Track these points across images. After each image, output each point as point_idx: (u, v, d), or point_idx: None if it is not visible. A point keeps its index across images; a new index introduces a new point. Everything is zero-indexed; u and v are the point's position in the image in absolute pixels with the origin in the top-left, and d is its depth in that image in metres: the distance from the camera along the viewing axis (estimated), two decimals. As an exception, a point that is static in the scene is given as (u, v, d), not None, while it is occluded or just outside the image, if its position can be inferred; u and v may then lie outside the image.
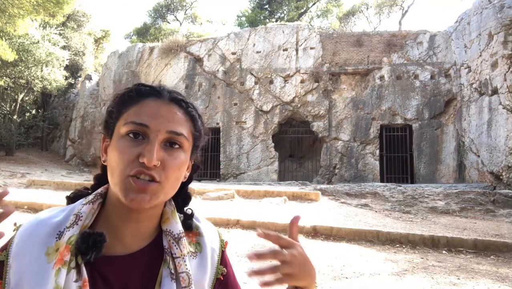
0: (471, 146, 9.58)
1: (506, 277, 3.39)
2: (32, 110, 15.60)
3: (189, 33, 24.76)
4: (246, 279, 2.55)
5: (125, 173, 0.60)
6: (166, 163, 0.62)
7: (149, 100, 0.65)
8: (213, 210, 5.92)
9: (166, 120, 0.64)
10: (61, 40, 14.73)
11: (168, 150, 0.64)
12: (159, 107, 0.65)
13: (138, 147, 0.61)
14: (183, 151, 0.66)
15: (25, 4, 9.61)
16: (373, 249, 4.35)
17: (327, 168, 11.25)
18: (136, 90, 0.67)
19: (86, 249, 0.59)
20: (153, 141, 0.61)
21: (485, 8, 8.98)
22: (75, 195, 0.72)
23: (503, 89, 8.20)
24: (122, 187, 0.60)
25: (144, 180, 0.60)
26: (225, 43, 12.62)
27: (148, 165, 0.59)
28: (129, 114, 0.64)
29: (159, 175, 0.61)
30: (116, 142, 0.63)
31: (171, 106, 0.66)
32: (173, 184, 0.65)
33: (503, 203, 6.75)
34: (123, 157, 0.61)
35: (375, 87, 11.25)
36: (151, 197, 0.60)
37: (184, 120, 0.67)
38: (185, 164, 0.67)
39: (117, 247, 0.65)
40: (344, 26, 23.78)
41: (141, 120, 0.62)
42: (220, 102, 12.23)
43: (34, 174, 10.67)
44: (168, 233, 0.68)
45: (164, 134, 0.63)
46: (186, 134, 0.66)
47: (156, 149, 0.60)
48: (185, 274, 0.65)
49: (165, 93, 0.67)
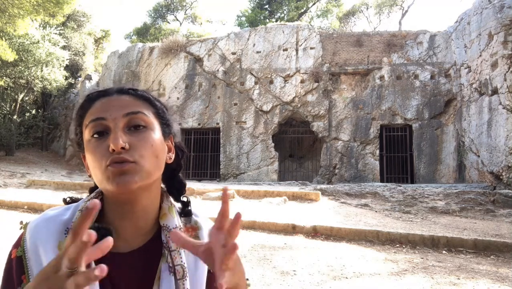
0: (471, 146, 9.58)
1: (506, 277, 3.39)
2: (32, 110, 15.58)
3: (189, 33, 24.75)
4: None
5: (102, 166, 0.61)
6: (136, 143, 0.63)
7: (99, 101, 0.68)
8: (213, 210, 5.90)
9: (119, 107, 0.66)
10: (61, 40, 14.71)
11: (134, 132, 0.65)
12: (109, 100, 0.67)
13: (106, 141, 0.63)
14: (150, 129, 0.67)
15: (25, 4, 9.61)
16: (373, 249, 4.35)
17: (327, 168, 11.25)
18: (87, 99, 0.70)
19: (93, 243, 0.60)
20: (114, 129, 0.63)
21: (485, 8, 8.98)
22: (71, 200, 0.74)
23: (503, 89, 8.20)
24: (105, 179, 0.61)
25: (120, 162, 0.61)
26: (225, 43, 12.62)
27: (116, 148, 0.60)
28: (87, 118, 0.67)
29: (132, 156, 0.62)
30: (87, 148, 0.65)
31: (120, 96, 0.69)
32: (152, 161, 0.65)
33: (503, 203, 6.75)
34: (95, 155, 0.63)
35: (375, 87, 11.25)
36: (133, 176, 0.61)
37: (139, 102, 0.69)
38: (159, 142, 0.68)
39: (119, 243, 0.66)
40: (344, 26, 23.77)
41: (96, 115, 0.65)
42: (220, 102, 12.23)
43: (34, 174, 10.66)
44: (165, 228, 0.69)
45: (123, 120, 0.65)
46: (146, 112, 0.67)
47: (119, 134, 0.62)
48: (179, 266, 0.66)
49: (112, 90, 0.70)
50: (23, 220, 0.70)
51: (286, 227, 5.01)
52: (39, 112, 15.82)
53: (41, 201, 6.25)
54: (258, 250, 4.08)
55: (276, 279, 3.19)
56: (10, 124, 13.87)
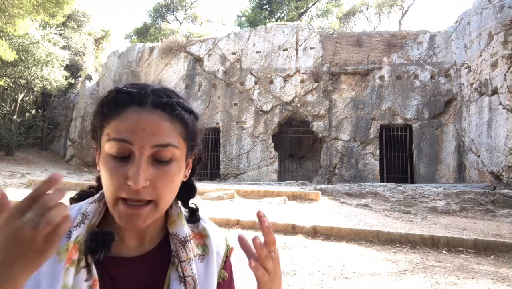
0: (471, 146, 9.57)
1: (506, 277, 3.38)
2: (32, 110, 15.58)
3: (189, 33, 24.76)
4: (245, 279, 2.54)
5: (115, 195, 0.57)
6: (157, 181, 0.58)
7: (129, 112, 0.59)
8: (213, 210, 5.92)
9: (149, 134, 0.58)
10: (61, 40, 14.72)
11: (158, 164, 0.59)
12: (140, 118, 0.58)
13: (125, 167, 0.57)
14: (175, 160, 0.61)
15: (25, 4, 9.61)
16: (373, 249, 4.35)
17: (327, 168, 11.25)
18: (114, 99, 0.60)
19: (95, 248, 0.59)
20: (138, 160, 0.57)
21: (485, 8, 8.98)
22: (79, 196, 0.71)
23: (503, 89, 8.20)
24: (114, 210, 0.59)
25: (136, 203, 0.57)
26: (225, 43, 12.61)
27: (135, 188, 0.55)
28: (110, 129, 0.59)
29: (151, 195, 0.58)
30: (103, 161, 0.59)
31: (154, 114, 0.59)
32: (169, 198, 0.62)
33: (503, 203, 6.75)
34: (111, 179, 0.57)
35: (375, 87, 11.25)
36: (145, 218, 0.58)
37: (171, 127, 0.60)
38: (180, 172, 0.63)
39: (124, 248, 0.65)
40: (344, 26, 23.77)
41: (122, 136, 0.57)
42: (220, 102, 12.23)
43: (34, 174, 10.66)
44: (175, 236, 0.68)
45: (150, 150, 0.57)
46: (176, 142, 0.60)
47: (142, 169, 0.56)
48: (190, 278, 0.65)
49: (147, 99, 0.60)
50: None
51: (286, 227, 5.01)
52: (39, 112, 15.82)
53: (41, 201, 6.24)
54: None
55: (276, 279, 3.18)
56: (10, 124, 13.87)
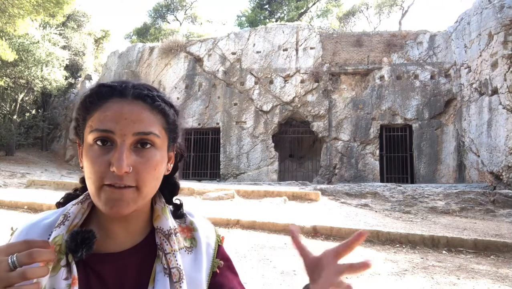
0: (471, 146, 9.57)
1: (506, 277, 3.38)
2: (32, 110, 15.58)
3: (189, 33, 24.75)
4: (246, 280, 2.55)
5: (99, 183, 0.59)
6: (139, 166, 0.60)
7: (111, 103, 0.62)
8: (213, 210, 5.92)
9: (131, 122, 0.60)
10: (61, 40, 14.72)
11: (140, 151, 0.61)
12: (121, 108, 0.61)
13: (108, 155, 0.59)
14: (156, 149, 0.63)
15: (25, 4, 9.61)
16: (373, 249, 4.35)
17: (327, 168, 11.25)
18: (96, 93, 0.63)
19: (75, 247, 0.60)
20: (120, 147, 0.59)
21: (485, 8, 8.97)
22: (65, 199, 0.73)
23: (503, 89, 8.20)
24: (98, 198, 0.60)
25: (119, 187, 0.59)
26: (225, 43, 12.61)
27: (118, 173, 0.57)
28: (93, 120, 0.61)
29: (134, 180, 0.60)
30: (86, 151, 0.61)
31: (135, 104, 0.62)
32: (152, 185, 0.63)
33: (503, 203, 6.75)
34: (94, 168, 0.59)
35: (375, 87, 11.25)
36: (129, 203, 0.60)
37: (152, 117, 0.63)
38: (162, 162, 0.65)
39: (109, 244, 0.66)
40: (344, 26, 23.78)
41: (104, 126, 0.59)
42: (220, 102, 12.23)
43: (34, 174, 10.66)
44: (159, 230, 0.69)
45: (131, 138, 0.60)
46: (157, 131, 0.63)
47: (125, 155, 0.58)
48: (175, 269, 0.65)
49: (128, 91, 0.63)
50: (13, 226, 0.70)
51: (286, 227, 5.01)
52: (39, 112, 15.82)
53: (41, 201, 6.25)
54: (258, 250, 4.08)
55: (276, 279, 3.19)
56: (10, 124, 13.88)
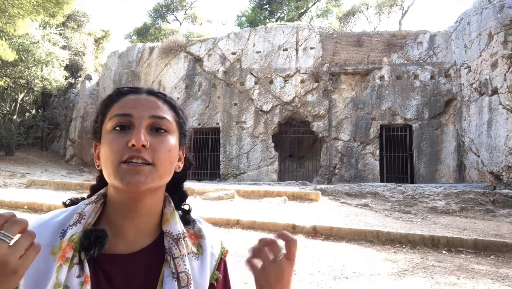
0: (471, 146, 9.57)
1: (506, 277, 3.38)
2: (32, 110, 15.59)
3: (189, 33, 24.74)
4: (246, 279, 2.55)
5: (117, 160, 0.62)
6: (156, 145, 0.65)
7: (128, 96, 0.70)
8: (213, 210, 5.91)
9: (147, 108, 0.67)
10: (61, 40, 14.73)
11: (155, 134, 0.66)
12: (139, 98, 0.69)
13: (126, 136, 0.64)
14: (170, 134, 0.68)
15: (25, 4, 9.61)
16: (373, 249, 4.35)
17: (327, 168, 11.25)
18: (116, 92, 0.72)
19: (89, 245, 0.61)
20: (138, 126, 0.64)
21: (485, 8, 8.97)
22: (71, 202, 0.74)
23: (503, 89, 8.20)
24: (117, 174, 0.62)
25: (137, 162, 0.62)
26: (225, 43, 12.61)
27: (137, 145, 0.61)
28: (112, 111, 0.68)
29: (151, 156, 0.63)
30: (105, 138, 0.66)
31: (150, 97, 0.71)
32: (167, 166, 0.66)
33: (503, 203, 6.75)
34: (112, 147, 0.63)
35: (375, 87, 11.25)
36: (146, 177, 0.62)
37: (165, 108, 0.71)
38: (175, 148, 0.70)
39: (119, 245, 0.67)
40: (344, 26, 23.77)
41: (123, 111, 0.66)
42: (220, 102, 12.23)
43: (34, 174, 10.66)
44: (168, 234, 0.70)
45: (148, 120, 0.66)
46: (171, 119, 0.70)
47: (143, 131, 0.63)
48: (184, 273, 0.66)
49: (142, 89, 0.72)
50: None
51: (286, 227, 5.01)
52: (39, 112, 15.83)
53: (41, 201, 6.25)
54: (258, 250, 4.06)
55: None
56: (10, 124, 13.88)
